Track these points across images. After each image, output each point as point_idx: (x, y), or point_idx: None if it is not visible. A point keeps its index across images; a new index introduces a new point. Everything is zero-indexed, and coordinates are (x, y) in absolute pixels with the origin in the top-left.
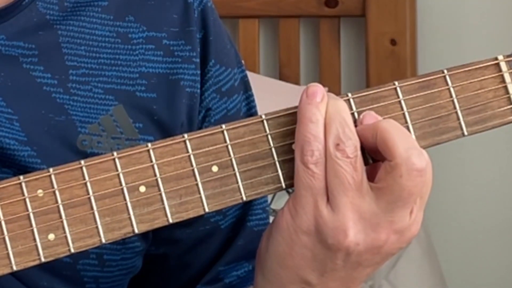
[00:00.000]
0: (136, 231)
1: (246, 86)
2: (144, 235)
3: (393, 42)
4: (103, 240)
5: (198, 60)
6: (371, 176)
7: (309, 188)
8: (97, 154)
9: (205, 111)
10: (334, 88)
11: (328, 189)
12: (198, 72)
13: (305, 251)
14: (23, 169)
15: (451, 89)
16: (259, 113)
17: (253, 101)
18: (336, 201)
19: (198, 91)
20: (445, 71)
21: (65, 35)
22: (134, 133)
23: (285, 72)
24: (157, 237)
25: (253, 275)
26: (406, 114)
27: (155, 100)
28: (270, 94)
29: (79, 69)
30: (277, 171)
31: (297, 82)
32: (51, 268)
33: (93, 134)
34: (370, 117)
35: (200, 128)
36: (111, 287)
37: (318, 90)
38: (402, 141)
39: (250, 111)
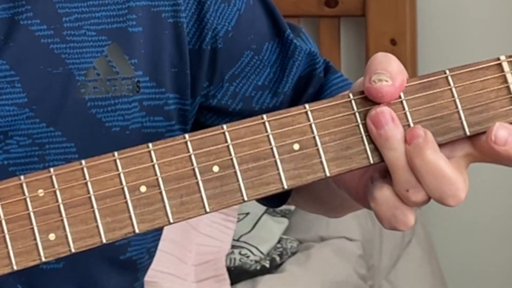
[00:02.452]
0: (137, 231)
1: None
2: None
3: (393, 42)
4: (104, 240)
5: None
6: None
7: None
8: (95, 99)
9: (211, 33)
10: None
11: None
12: (180, 1)
13: None
14: (24, 133)
15: (453, 89)
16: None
17: None
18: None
19: (182, 20)
20: (447, 72)
21: None
22: (130, 70)
23: None
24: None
25: None
26: (408, 114)
27: (141, 34)
28: None
29: (71, 15)
30: (278, 171)
31: None
32: None
33: (89, 80)
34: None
35: (214, 48)
36: None
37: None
38: (435, 186)
39: None
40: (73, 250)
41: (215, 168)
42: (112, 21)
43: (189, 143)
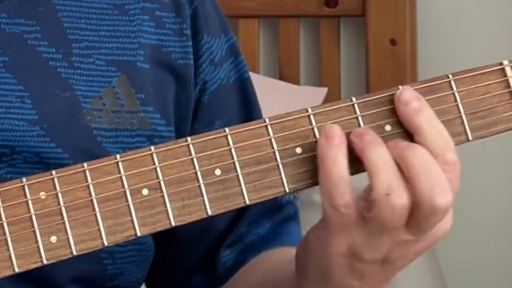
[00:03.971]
0: (139, 234)
1: (234, 52)
2: None
3: (393, 42)
4: (105, 243)
5: (189, 32)
6: None
7: (341, 226)
8: (99, 129)
9: (202, 83)
10: (334, 88)
11: (368, 222)
12: (190, 43)
13: (343, 268)
14: (32, 150)
15: (456, 94)
16: (261, 111)
17: (243, 66)
18: (374, 234)
19: (191, 62)
20: (450, 76)
21: (63, 10)
22: (136, 104)
23: (285, 72)
24: None
25: (274, 236)
26: None
27: (149, 71)
28: (270, 94)
29: (81, 42)
30: (280, 175)
31: (297, 82)
32: None
33: (94, 109)
34: (409, 94)
35: (198, 100)
36: (127, 263)
37: (336, 132)
38: (426, 180)
39: (242, 77)
40: (74, 253)
41: (217, 172)
42: (122, 53)
43: (191, 146)
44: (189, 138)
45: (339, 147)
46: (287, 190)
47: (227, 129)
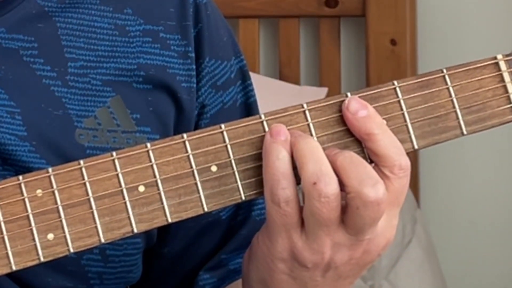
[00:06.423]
0: (135, 230)
1: (244, 76)
2: (147, 235)
3: (393, 42)
4: (102, 240)
5: (193, 55)
6: None
7: (281, 225)
8: (94, 148)
9: (200, 107)
10: (334, 88)
11: (304, 221)
12: (194, 67)
13: (284, 276)
14: (24, 165)
15: (450, 89)
16: (260, 111)
17: (251, 90)
18: (311, 232)
19: (195, 85)
20: (444, 71)
21: (64, 27)
22: (131, 124)
23: (285, 72)
24: (158, 232)
25: None
26: (405, 113)
27: (150, 92)
28: (270, 94)
29: (77, 62)
30: None
31: (297, 82)
32: (55, 264)
33: (89, 129)
34: (356, 103)
35: (196, 124)
36: (115, 284)
37: (282, 129)
38: (355, 174)
39: (248, 100)
40: (71, 250)
41: (213, 168)
42: (119, 74)
43: (187, 143)
44: (185, 135)
45: (283, 144)
46: None
47: (223, 126)
